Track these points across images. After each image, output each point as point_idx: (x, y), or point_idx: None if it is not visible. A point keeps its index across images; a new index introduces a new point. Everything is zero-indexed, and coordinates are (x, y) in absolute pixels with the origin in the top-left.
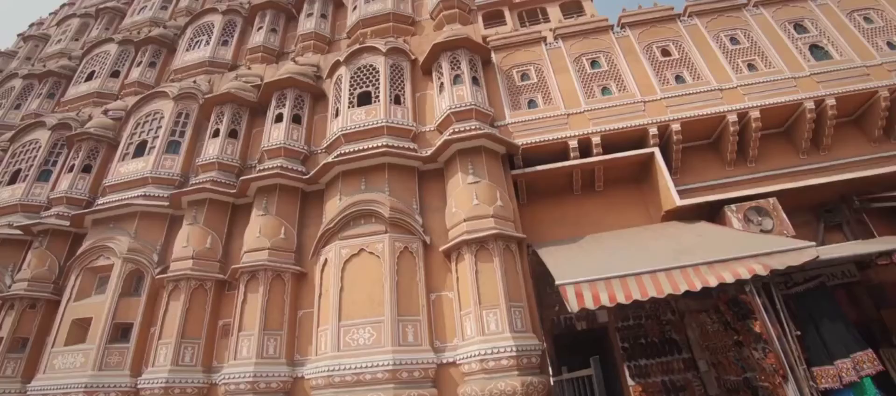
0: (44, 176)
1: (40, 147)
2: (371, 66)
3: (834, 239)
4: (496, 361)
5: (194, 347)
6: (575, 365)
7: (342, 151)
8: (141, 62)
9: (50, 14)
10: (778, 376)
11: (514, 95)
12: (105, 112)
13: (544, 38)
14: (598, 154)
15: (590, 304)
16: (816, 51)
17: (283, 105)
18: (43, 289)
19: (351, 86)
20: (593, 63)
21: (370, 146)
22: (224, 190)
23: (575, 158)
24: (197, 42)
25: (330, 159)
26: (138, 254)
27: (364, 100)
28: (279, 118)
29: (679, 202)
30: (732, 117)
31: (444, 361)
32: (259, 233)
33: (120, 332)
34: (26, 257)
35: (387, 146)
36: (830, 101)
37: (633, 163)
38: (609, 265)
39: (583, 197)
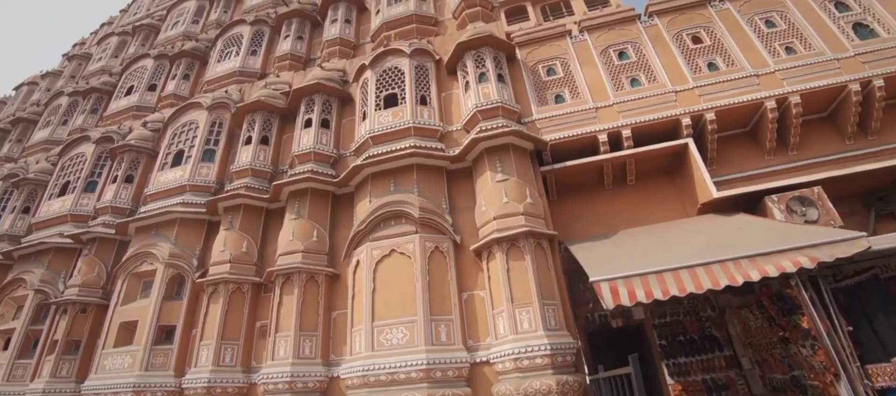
0: (90, 187)
1: (86, 160)
2: (396, 68)
3: (886, 229)
4: (530, 360)
5: (234, 348)
6: (610, 364)
7: (370, 153)
8: (175, 75)
9: (91, 33)
10: (829, 374)
11: (541, 91)
12: (144, 124)
13: (569, 32)
14: (628, 147)
15: (625, 301)
16: (861, 29)
17: (312, 110)
18: (92, 294)
19: (377, 88)
20: (621, 54)
21: (398, 147)
22: (257, 195)
23: (605, 152)
24: (227, 53)
25: (359, 162)
26: (179, 259)
27: (390, 102)
28: (308, 123)
29: (716, 194)
30: (770, 103)
31: (478, 360)
32: (292, 237)
33: (164, 334)
34: (77, 264)
35: (414, 147)
36: (878, 82)
37: (665, 155)
38: (644, 260)
39: (614, 192)
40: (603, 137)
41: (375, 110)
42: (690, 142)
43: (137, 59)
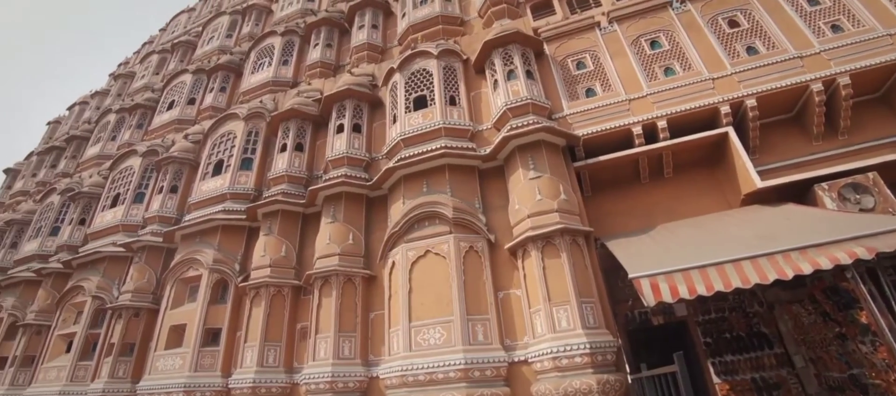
0: (138, 198)
1: (134, 172)
2: (424, 69)
3: None
4: (569, 358)
5: (276, 349)
6: (652, 362)
7: (402, 156)
8: (213, 88)
9: (134, 53)
10: (892, 372)
11: (571, 85)
12: (185, 136)
13: (598, 24)
14: (664, 139)
15: (667, 297)
16: None
17: (343, 116)
18: (144, 299)
19: (406, 91)
20: (653, 43)
21: (429, 149)
22: (294, 200)
23: (640, 145)
24: (260, 64)
25: (391, 164)
26: (222, 265)
27: (420, 103)
28: (340, 128)
29: (760, 184)
30: (817, 86)
31: (516, 359)
32: (329, 240)
33: (210, 336)
34: (129, 271)
35: (445, 147)
36: None
37: (704, 145)
38: (686, 255)
39: (651, 185)
40: (637, 130)
41: (405, 112)
42: (730, 130)
43: (177, 74)
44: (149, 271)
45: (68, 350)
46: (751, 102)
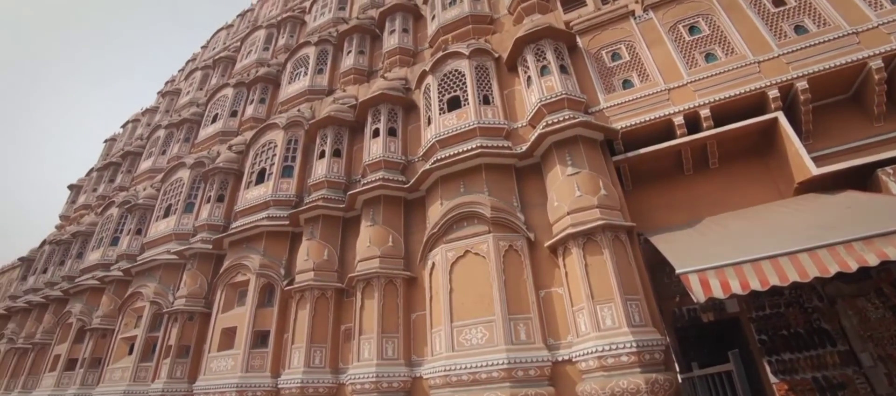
0: (188, 208)
1: (184, 184)
2: (456, 70)
3: None
4: (615, 357)
5: (322, 351)
6: (703, 361)
7: (438, 157)
8: (253, 100)
9: (178, 71)
10: None
11: (607, 78)
12: (229, 147)
13: (632, 12)
14: (708, 128)
15: (718, 293)
16: None
17: (379, 120)
18: (196, 304)
19: (439, 92)
20: (692, 29)
21: (465, 149)
22: (334, 205)
23: (682, 136)
24: (296, 74)
25: (427, 166)
26: (268, 269)
27: (454, 104)
28: (376, 133)
29: (815, 171)
30: (876, 63)
31: (560, 359)
32: (369, 243)
33: (259, 338)
34: (182, 277)
35: (481, 147)
36: None
37: (752, 133)
38: (737, 248)
39: (696, 177)
40: (678, 120)
41: (440, 114)
42: (780, 115)
43: (219, 88)
44: (200, 277)
45: (130, 353)
46: (802, 84)
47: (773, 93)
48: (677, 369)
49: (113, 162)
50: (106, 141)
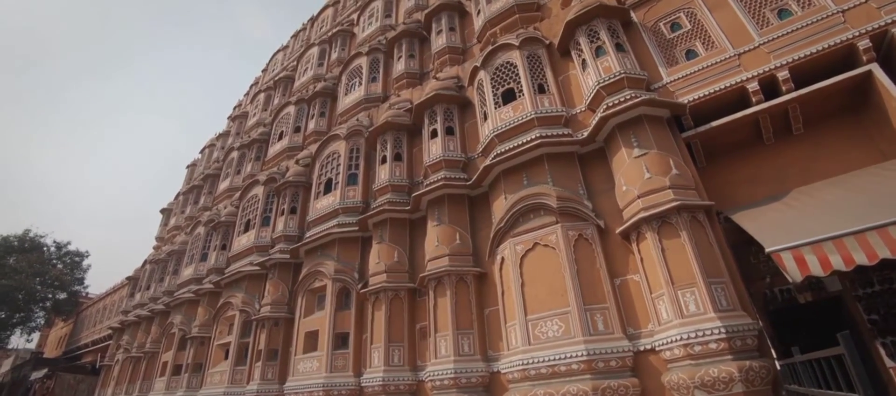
0: (266, 221)
1: (259, 199)
2: (508, 62)
3: None
4: (703, 345)
5: (400, 349)
6: (803, 346)
7: (498, 152)
8: (314, 114)
9: (244, 95)
10: None
11: (667, 50)
12: (297, 161)
13: None
14: (788, 91)
15: (817, 271)
16: None
17: (435, 121)
18: (280, 310)
19: (493, 87)
20: None
21: (524, 141)
22: (400, 208)
23: (758, 103)
24: (351, 85)
25: (488, 162)
26: (343, 274)
27: (509, 97)
28: (434, 134)
29: None
30: None
31: (641, 348)
32: (437, 242)
33: (340, 340)
34: (265, 286)
35: (540, 137)
36: None
37: (841, 90)
38: (836, 220)
39: (778, 145)
40: (752, 86)
41: (495, 108)
42: (875, 67)
43: (282, 107)
44: (281, 285)
45: (226, 358)
46: None
47: (864, 42)
48: (774, 355)
49: (195, 185)
50: (188, 167)
